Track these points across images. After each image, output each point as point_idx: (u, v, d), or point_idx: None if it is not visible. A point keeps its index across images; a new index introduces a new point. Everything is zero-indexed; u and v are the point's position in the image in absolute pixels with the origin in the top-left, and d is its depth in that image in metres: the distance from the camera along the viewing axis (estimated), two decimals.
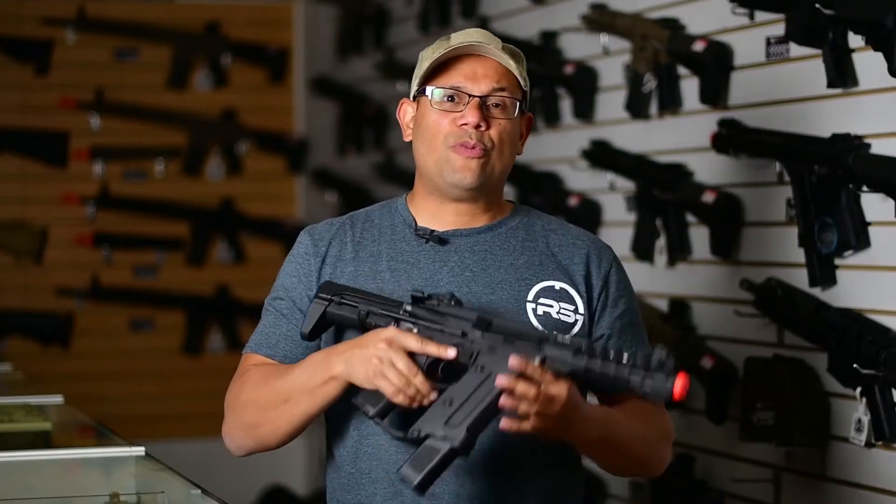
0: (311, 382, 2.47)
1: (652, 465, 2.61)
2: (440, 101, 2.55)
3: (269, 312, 2.64)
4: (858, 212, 3.22)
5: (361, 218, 2.66)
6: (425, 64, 2.57)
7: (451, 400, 2.38)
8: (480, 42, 2.55)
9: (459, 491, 2.49)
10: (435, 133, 2.55)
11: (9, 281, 6.50)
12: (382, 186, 6.07)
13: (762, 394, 3.40)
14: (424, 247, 2.58)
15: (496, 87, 2.54)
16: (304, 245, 2.63)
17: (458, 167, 2.53)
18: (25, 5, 6.55)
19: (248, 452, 2.61)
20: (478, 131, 2.52)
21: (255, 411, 2.54)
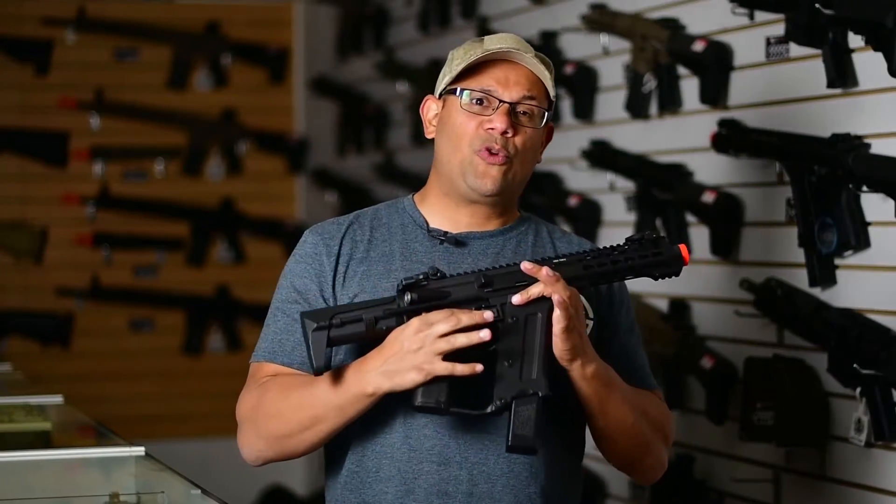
0: (341, 400, 2.43)
1: (648, 459, 2.60)
2: (469, 104, 2.53)
3: (279, 317, 2.58)
4: (858, 212, 3.22)
5: (369, 216, 2.63)
6: (456, 63, 2.56)
7: (510, 359, 2.39)
8: (515, 49, 2.53)
9: (472, 491, 2.49)
10: (461, 135, 2.54)
11: (9, 281, 6.51)
12: (382, 186, 6.07)
13: (762, 394, 3.40)
14: (438, 248, 2.57)
15: (526, 94, 2.53)
16: (313, 245, 2.59)
17: (480, 172, 2.52)
18: (25, 5, 6.56)
19: (266, 463, 2.57)
20: (503, 137, 2.51)
21: (279, 425, 2.49)
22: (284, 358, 2.55)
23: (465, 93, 2.53)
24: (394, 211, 2.64)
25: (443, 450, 2.49)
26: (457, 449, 2.48)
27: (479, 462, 2.48)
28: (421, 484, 2.49)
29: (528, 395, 2.37)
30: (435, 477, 2.48)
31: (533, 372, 2.38)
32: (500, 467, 2.49)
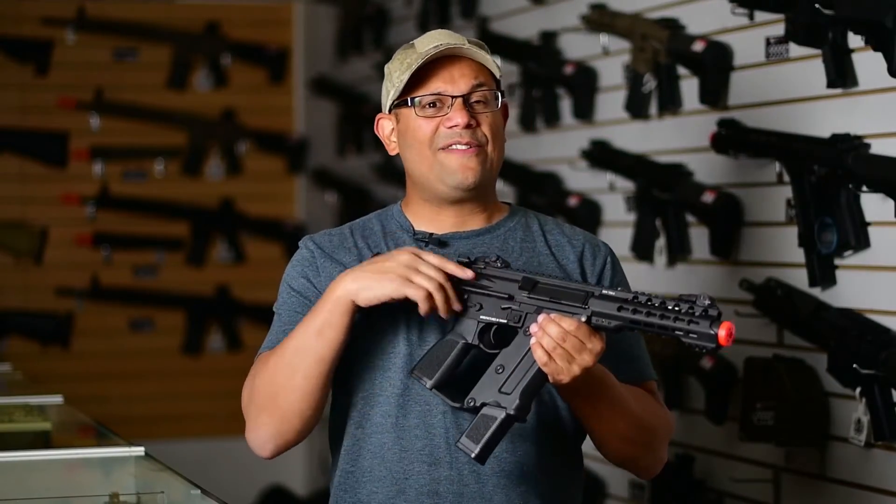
0: (316, 320, 2.43)
1: (645, 457, 2.59)
2: (423, 109, 2.54)
3: (283, 316, 2.58)
4: (858, 212, 3.22)
5: (359, 227, 2.65)
6: (396, 76, 2.57)
7: (503, 367, 2.40)
8: (450, 44, 2.54)
9: (462, 491, 2.49)
10: (422, 139, 2.54)
11: (9, 281, 6.51)
12: (382, 186, 6.07)
13: (762, 394, 3.41)
14: (425, 250, 2.57)
15: (475, 83, 2.54)
16: (308, 249, 2.61)
17: (455, 168, 2.52)
18: (25, 5, 6.56)
19: (277, 445, 2.51)
20: (469, 130, 2.52)
21: (271, 382, 2.47)
22: None
23: (416, 100, 2.54)
24: (383, 219, 2.65)
25: (433, 450, 2.49)
26: (446, 449, 2.49)
27: (469, 462, 2.47)
28: (412, 484, 2.49)
29: (498, 407, 2.38)
30: (426, 477, 2.49)
31: (514, 389, 2.38)
32: (491, 466, 2.49)
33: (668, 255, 3.94)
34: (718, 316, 2.25)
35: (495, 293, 2.45)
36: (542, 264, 2.58)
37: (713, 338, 2.25)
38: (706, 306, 2.26)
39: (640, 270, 4.05)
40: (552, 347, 2.34)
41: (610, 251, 2.66)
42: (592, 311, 2.36)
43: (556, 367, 2.34)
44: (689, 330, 2.26)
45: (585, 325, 2.35)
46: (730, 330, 2.24)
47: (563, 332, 2.34)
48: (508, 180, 4.80)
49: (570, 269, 2.59)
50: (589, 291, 2.38)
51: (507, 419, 2.38)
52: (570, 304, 2.38)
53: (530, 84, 4.66)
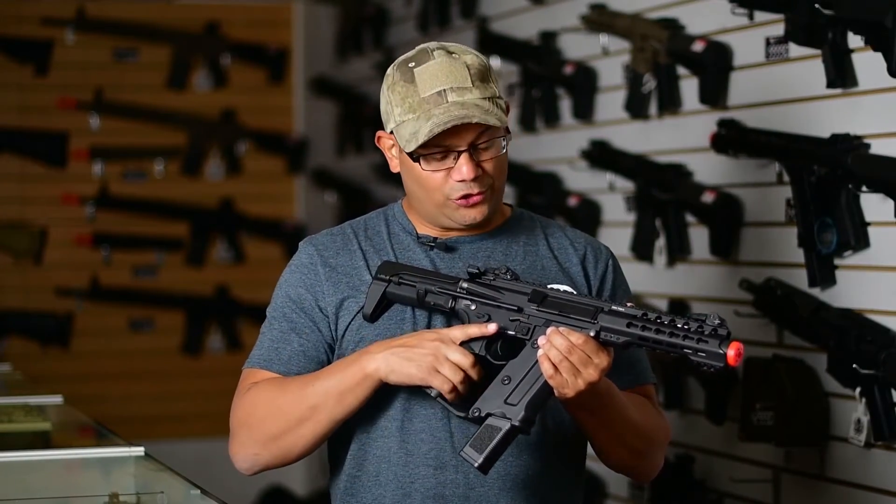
0: (341, 385, 2.43)
1: (643, 464, 2.60)
2: (429, 163, 2.49)
3: (274, 326, 2.56)
4: (858, 212, 3.22)
5: (361, 227, 2.62)
6: (398, 112, 2.49)
7: (509, 378, 2.39)
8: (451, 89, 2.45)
9: (468, 494, 2.49)
10: (432, 187, 2.50)
11: (9, 281, 6.51)
12: (382, 186, 6.07)
13: (762, 394, 3.40)
14: (430, 254, 2.57)
15: (480, 131, 2.48)
16: (308, 255, 2.58)
17: (465, 214, 2.51)
18: (25, 5, 6.56)
19: (262, 469, 2.54)
20: (477, 181, 2.49)
21: (276, 423, 2.47)
22: (280, 367, 2.53)
23: (420, 159, 2.49)
24: (384, 220, 2.63)
25: (439, 454, 2.49)
26: (452, 453, 2.48)
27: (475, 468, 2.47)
28: (418, 488, 2.49)
29: (503, 418, 2.38)
30: (431, 481, 2.49)
31: (519, 401, 2.38)
32: (496, 470, 2.48)
33: (668, 255, 3.94)
34: (728, 336, 2.25)
35: (504, 304, 2.44)
36: (545, 267, 2.58)
37: (722, 357, 2.25)
38: (716, 325, 2.27)
39: (640, 270, 4.05)
40: (559, 360, 2.34)
41: (611, 254, 2.66)
42: (601, 325, 2.36)
43: (561, 381, 2.34)
44: (698, 349, 2.27)
45: (593, 340, 2.35)
46: (739, 350, 2.25)
47: (571, 346, 2.34)
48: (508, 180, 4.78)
49: (573, 271, 2.59)
50: (598, 306, 2.38)
51: (512, 430, 2.37)
52: (578, 318, 2.38)
53: (530, 84, 4.66)
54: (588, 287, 2.59)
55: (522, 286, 2.45)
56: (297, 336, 2.53)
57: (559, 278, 2.57)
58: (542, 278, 2.56)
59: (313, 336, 2.54)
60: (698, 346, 2.26)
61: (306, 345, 2.53)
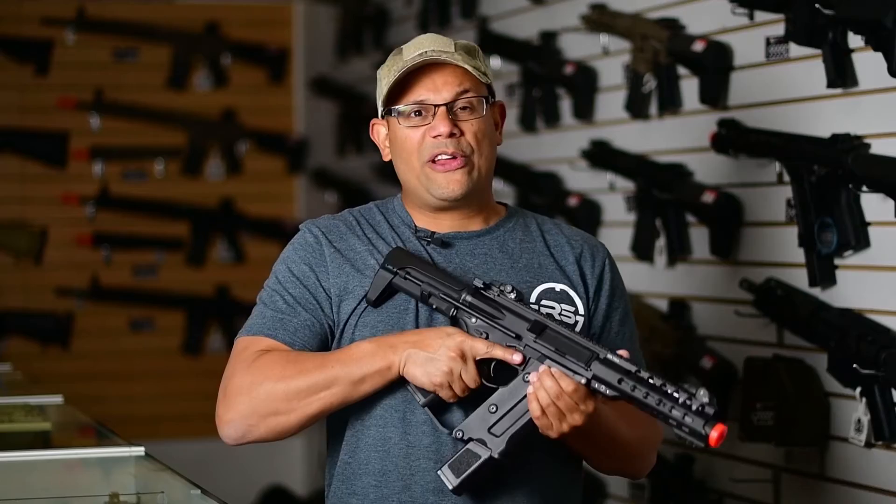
0: (360, 371, 2.43)
1: (635, 468, 2.65)
2: (407, 118, 2.53)
3: (277, 300, 2.55)
4: (858, 212, 3.22)
5: (364, 215, 2.63)
6: (384, 83, 2.57)
7: (496, 406, 2.42)
8: (433, 50, 2.53)
9: None
10: (410, 150, 2.54)
11: (9, 281, 6.51)
12: (382, 186, 6.07)
13: (762, 394, 3.41)
14: (427, 249, 2.58)
15: (459, 90, 2.53)
16: (313, 235, 2.58)
17: (441, 182, 2.52)
18: (25, 5, 6.56)
19: (249, 442, 2.50)
20: (453, 139, 2.51)
21: (284, 399, 2.44)
22: (286, 337, 2.52)
23: (400, 110, 2.54)
24: (385, 210, 2.64)
25: (439, 447, 2.49)
26: (453, 447, 2.49)
27: None
28: (418, 481, 2.49)
29: (484, 446, 2.41)
30: (432, 474, 2.49)
31: (503, 433, 2.41)
32: None
33: (668, 255, 3.94)
34: (714, 416, 2.27)
35: (504, 329, 2.45)
36: (541, 265, 2.58)
37: (704, 438, 2.28)
38: (704, 404, 2.28)
39: (640, 270, 4.05)
40: (546, 404, 2.37)
41: (608, 253, 2.66)
42: (594, 374, 2.37)
43: (546, 423, 2.38)
44: (683, 423, 2.29)
45: (583, 388, 2.37)
46: (722, 433, 2.27)
47: (560, 392, 2.36)
48: (508, 180, 4.80)
49: (569, 270, 2.59)
50: (594, 353, 2.39)
51: (490, 461, 2.41)
52: (573, 361, 2.39)
53: (530, 84, 4.66)
54: (584, 286, 2.59)
55: (525, 311, 2.45)
56: (304, 310, 2.53)
57: (556, 276, 2.57)
58: (538, 276, 2.56)
59: (318, 313, 2.53)
60: (683, 420, 2.29)
61: (312, 320, 2.53)
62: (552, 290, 2.56)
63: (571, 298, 2.57)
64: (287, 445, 6.78)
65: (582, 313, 2.57)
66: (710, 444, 2.27)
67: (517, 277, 2.55)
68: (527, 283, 2.56)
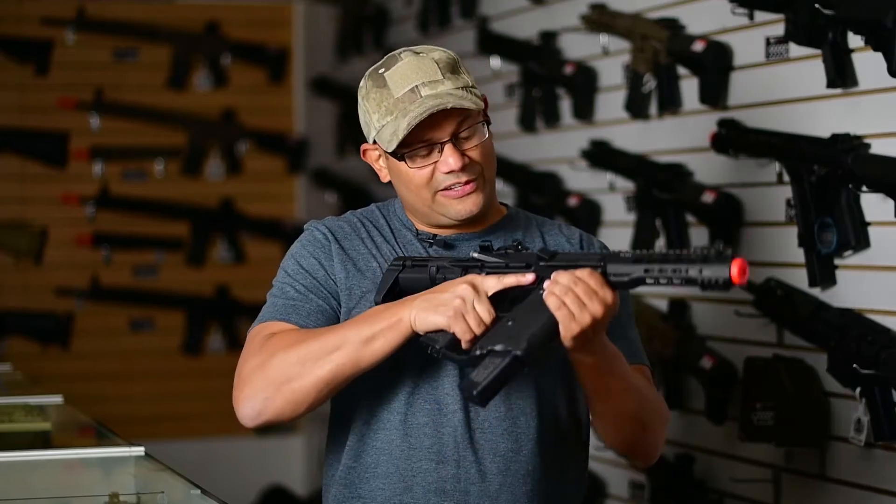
0: (370, 330, 2.40)
1: (647, 438, 2.58)
2: (413, 159, 2.50)
3: (289, 290, 2.54)
4: (858, 212, 3.22)
5: (367, 217, 2.64)
6: (376, 119, 2.51)
7: (514, 318, 2.35)
8: (423, 83, 2.48)
9: (469, 489, 2.50)
10: (419, 184, 2.52)
11: (9, 281, 6.51)
12: (382, 186, 6.07)
13: (762, 394, 3.41)
14: (430, 250, 2.58)
15: (460, 120, 2.50)
16: (322, 234, 2.59)
17: (458, 208, 2.52)
18: (25, 5, 6.56)
19: (268, 420, 2.47)
20: (464, 172, 2.50)
21: (294, 363, 2.42)
22: (300, 320, 2.51)
23: (405, 158, 2.50)
24: (386, 213, 2.65)
25: (441, 448, 2.50)
26: (454, 448, 2.49)
27: (476, 461, 2.50)
28: (419, 482, 2.50)
29: (505, 350, 2.31)
30: (433, 475, 2.49)
31: (522, 333, 2.32)
32: (497, 465, 2.50)
33: None
34: (731, 255, 2.20)
35: (514, 265, 2.41)
36: None
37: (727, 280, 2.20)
38: (720, 249, 2.22)
39: None
40: (564, 292, 2.30)
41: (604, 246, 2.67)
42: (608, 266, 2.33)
43: (566, 313, 2.29)
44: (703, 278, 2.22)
45: (598, 274, 2.31)
46: (742, 266, 2.20)
47: (575, 279, 2.30)
48: (508, 180, 4.80)
49: None
50: (605, 255, 2.35)
51: (514, 360, 2.30)
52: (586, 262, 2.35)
53: (530, 84, 4.66)
54: None
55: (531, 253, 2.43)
56: (317, 298, 2.53)
57: None
58: None
59: (330, 301, 2.53)
60: (702, 274, 2.22)
61: (324, 306, 2.53)
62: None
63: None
64: (287, 445, 6.79)
65: None
66: (733, 279, 2.19)
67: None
68: None
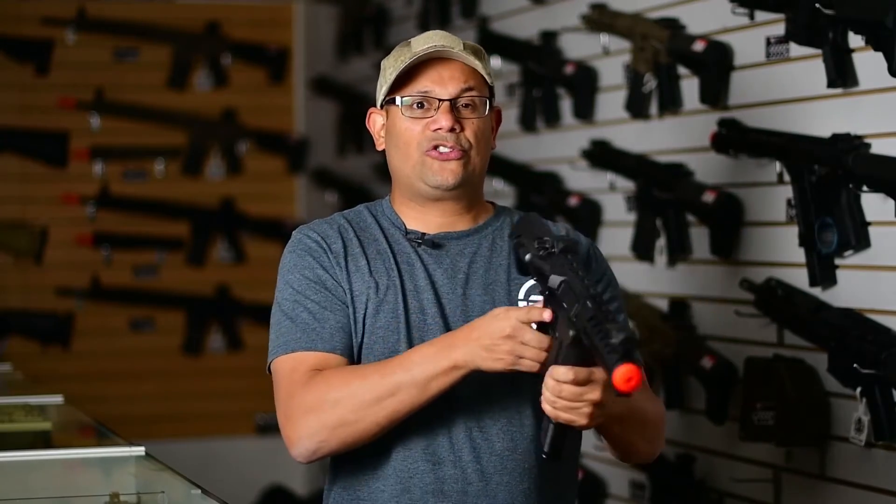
0: (425, 374, 2.40)
1: (655, 447, 2.64)
2: (410, 108, 2.55)
3: (299, 310, 2.52)
4: (858, 212, 3.22)
5: (355, 217, 2.65)
6: (389, 73, 2.58)
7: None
8: (443, 46, 2.55)
9: (467, 489, 2.51)
10: (408, 140, 2.56)
11: (9, 281, 6.50)
12: (382, 186, 6.07)
13: (762, 394, 3.41)
14: (418, 250, 2.59)
15: (464, 87, 2.55)
16: (314, 240, 2.59)
17: (436, 170, 2.54)
18: (25, 5, 6.55)
19: (322, 457, 2.50)
20: (453, 134, 2.53)
21: (350, 409, 2.42)
22: (325, 345, 2.50)
23: (404, 99, 2.55)
24: (375, 213, 2.65)
25: (437, 449, 2.50)
26: (450, 448, 2.50)
27: (473, 461, 2.50)
28: (416, 483, 2.50)
29: None
30: (430, 476, 2.50)
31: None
32: (493, 465, 2.51)
33: (669, 254, 3.94)
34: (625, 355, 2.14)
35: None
36: None
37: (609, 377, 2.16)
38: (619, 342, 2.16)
39: (641, 270, 4.05)
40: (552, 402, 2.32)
41: (590, 244, 2.67)
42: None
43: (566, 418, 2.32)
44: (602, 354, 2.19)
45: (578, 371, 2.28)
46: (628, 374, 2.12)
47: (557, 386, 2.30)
48: (508, 180, 4.80)
49: None
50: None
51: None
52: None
53: (530, 84, 4.66)
54: None
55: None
56: (332, 313, 2.52)
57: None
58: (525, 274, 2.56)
59: (344, 310, 2.53)
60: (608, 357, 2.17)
61: (342, 320, 2.52)
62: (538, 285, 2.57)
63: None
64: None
65: None
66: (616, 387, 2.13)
67: (506, 274, 2.58)
68: (515, 280, 2.58)
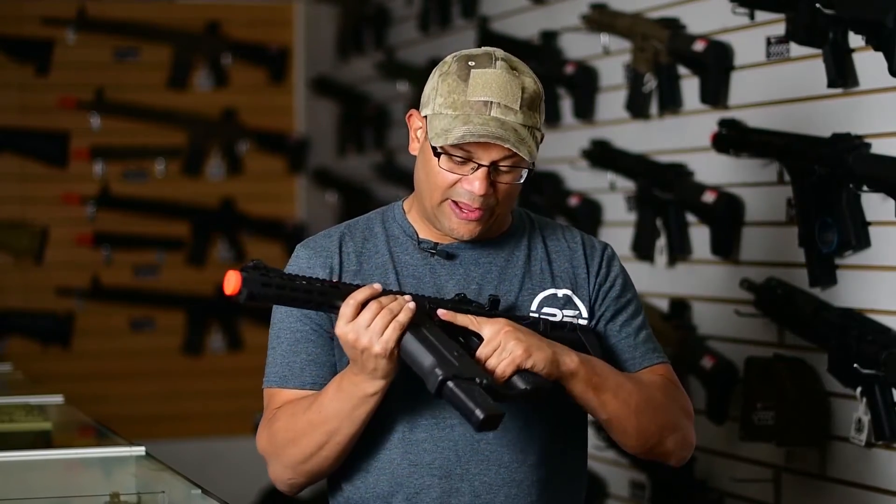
0: (349, 407, 2.42)
1: (669, 438, 2.54)
2: (448, 162, 2.45)
3: (282, 338, 2.54)
4: (858, 212, 3.22)
5: (360, 227, 2.60)
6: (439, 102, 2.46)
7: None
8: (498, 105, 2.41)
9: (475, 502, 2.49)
10: (438, 183, 2.47)
11: (9, 281, 6.51)
12: (382, 186, 6.07)
13: (762, 394, 3.41)
14: (430, 259, 2.55)
15: (507, 154, 2.44)
16: (306, 259, 2.55)
17: (454, 225, 2.49)
18: (25, 5, 6.56)
19: (303, 488, 2.59)
20: (483, 197, 2.45)
21: (299, 450, 2.48)
22: (295, 381, 2.52)
23: (442, 156, 2.45)
24: (384, 220, 2.60)
25: (444, 463, 2.48)
26: (457, 462, 2.48)
27: (480, 473, 2.48)
28: (424, 498, 2.48)
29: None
30: (437, 490, 2.48)
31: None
32: (502, 477, 2.49)
33: (669, 254, 3.94)
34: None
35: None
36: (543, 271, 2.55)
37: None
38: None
39: (641, 270, 4.04)
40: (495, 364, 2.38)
41: (605, 248, 2.62)
42: None
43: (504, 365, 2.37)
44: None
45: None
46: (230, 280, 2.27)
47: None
48: None
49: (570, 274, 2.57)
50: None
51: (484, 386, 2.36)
52: None
53: None
54: (586, 289, 2.57)
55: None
56: (305, 344, 2.52)
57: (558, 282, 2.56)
58: (541, 283, 2.55)
59: (320, 341, 2.52)
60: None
61: (314, 352, 2.52)
62: (554, 296, 2.55)
63: (574, 303, 2.55)
64: None
65: (585, 316, 2.56)
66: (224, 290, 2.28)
67: (520, 285, 2.54)
68: (529, 290, 2.54)
